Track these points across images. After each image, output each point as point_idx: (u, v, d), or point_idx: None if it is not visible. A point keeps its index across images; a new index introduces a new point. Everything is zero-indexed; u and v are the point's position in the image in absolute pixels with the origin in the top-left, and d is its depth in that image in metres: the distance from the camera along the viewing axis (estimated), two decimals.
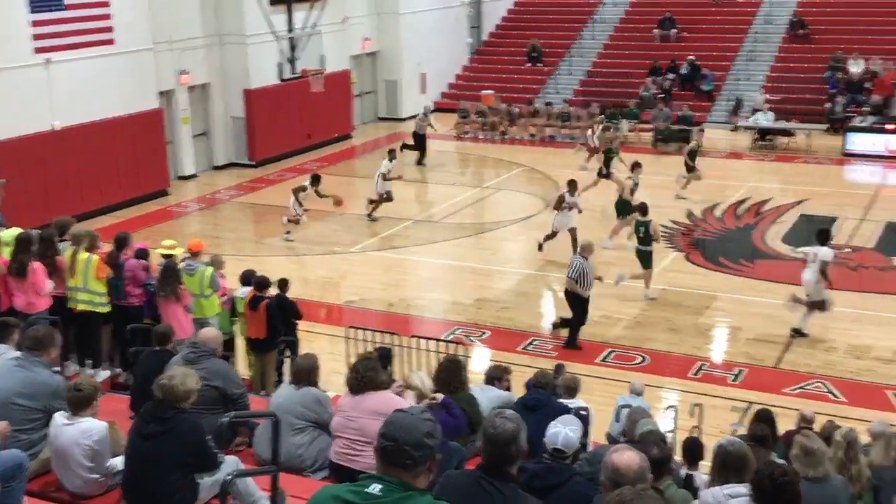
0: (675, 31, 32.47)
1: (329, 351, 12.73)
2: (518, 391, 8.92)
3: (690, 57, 30.60)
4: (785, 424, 8.97)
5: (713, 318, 15.06)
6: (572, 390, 9.02)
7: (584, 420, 8.25)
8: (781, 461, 6.47)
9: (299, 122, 26.72)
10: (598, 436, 9.23)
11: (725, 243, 18.67)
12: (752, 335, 14.17)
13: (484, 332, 14.55)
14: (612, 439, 9.01)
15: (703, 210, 20.68)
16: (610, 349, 13.77)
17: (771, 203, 21.04)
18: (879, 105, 27.18)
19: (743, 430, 9.16)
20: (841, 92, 28.02)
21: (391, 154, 21.13)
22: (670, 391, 12.41)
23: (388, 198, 20.55)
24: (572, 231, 17.39)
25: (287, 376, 10.76)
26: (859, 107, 27.33)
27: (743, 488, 5.07)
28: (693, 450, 7.89)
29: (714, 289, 16.15)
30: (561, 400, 8.54)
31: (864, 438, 7.98)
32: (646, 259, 15.69)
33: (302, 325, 12.34)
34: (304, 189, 19.35)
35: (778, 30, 31.53)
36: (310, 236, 19.80)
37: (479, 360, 13.11)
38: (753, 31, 31.81)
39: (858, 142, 25.34)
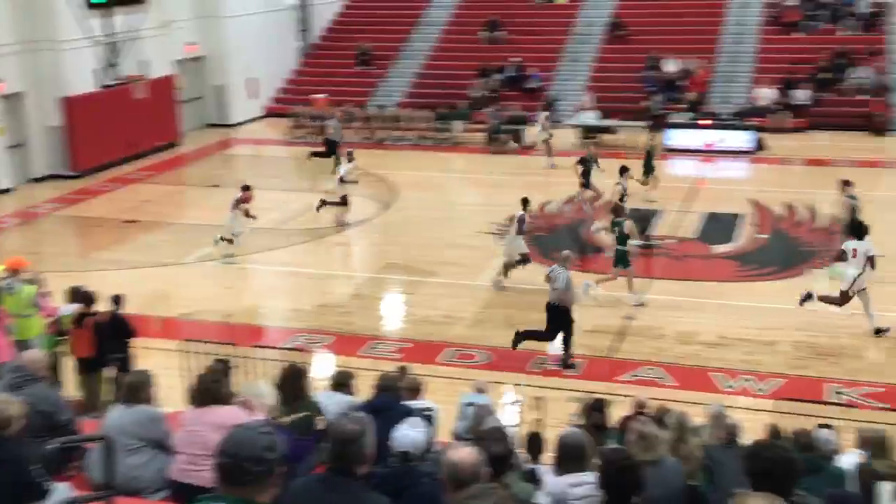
0: (501, 33, 33.18)
1: (165, 366, 12.20)
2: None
3: (517, 59, 31.37)
4: (621, 412, 9.28)
5: None
6: (416, 391, 9.03)
7: (430, 420, 8.27)
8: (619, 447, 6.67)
9: (122, 131, 25.68)
10: (444, 435, 9.27)
11: (559, 239, 19.16)
12: (588, 327, 14.60)
13: (326, 338, 14.40)
14: (457, 437, 9.06)
15: (537, 207, 21.19)
16: (452, 348, 13.88)
17: (599, 198, 21.76)
18: (694, 102, 28.64)
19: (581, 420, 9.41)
20: (658, 90, 29.35)
21: (350, 156, 20.81)
22: (513, 386, 12.63)
23: (343, 201, 20.05)
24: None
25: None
26: (676, 104, 28.71)
27: (585, 476, 5.18)
28: (534, 443, 8.03)
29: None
30: (405, 402, 8.51)
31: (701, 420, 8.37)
32: (623, 259, 15.52)
33: (134, 341, 11.83)
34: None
35: (598, 31, 32.74)
36: (140, 247, 19.07)
37: (323, 367, 12.94)
38: (575, 32, 32.90)
39: (677, 137, 26.59)
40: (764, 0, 32.06)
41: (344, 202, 20.13)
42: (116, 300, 11.39)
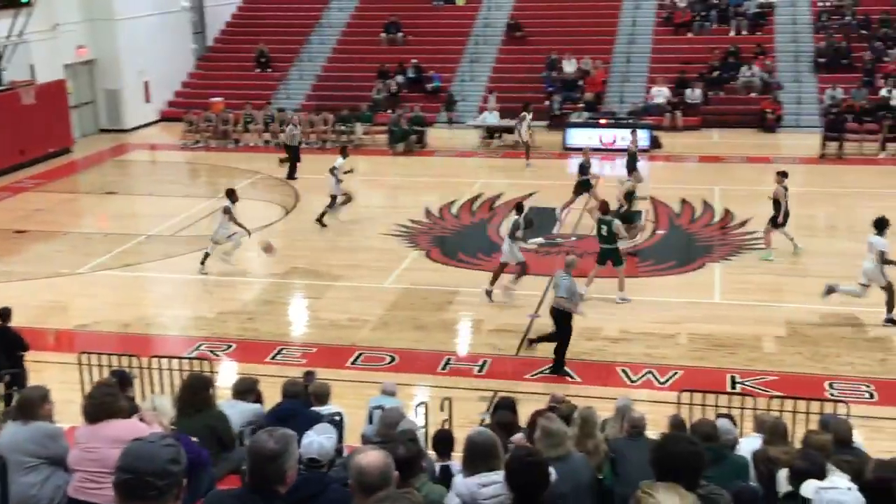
0: (400, 34, 33.18)
1: (61, 380, 11.81)
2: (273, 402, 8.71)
3: (414, 60, 31.43)
4: (529, 409, 9.36)
5: (457, 312, 15.49)
6: (323, 397, 8.94)
7: (339, 426, 8.20)
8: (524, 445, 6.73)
9: (11, 138, 24.75)
10: (353, 440, 9.20)
11: (464, 239, 19.28)
12: (494, 326, 14.71)
13: (230, 346, 14.14)
14: (367, 441, 9.00)
15: (441, 208, 21.26)
16: (358, 352, 13.80)
17: (503, 198, 21.96)
18: (592, 101, 29.16)
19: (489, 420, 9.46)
20: (557, 90, 29.78)
21: (343, 152, 20.83)
22: (421, 388, 12.63)
23: (348, 198, 20.33)
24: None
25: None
26: (574, 103, 29.17)
27: (495, 476, 5.20)
28: (443, 441, 8.02)
29: (456, 284, 16.61)
30: (313, 408, 8.43)
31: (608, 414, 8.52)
32: (614, 257, 15.54)
33: (29, 355, 11.42)
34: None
35: (497, 32, 33.03)
36: (32, 258, 18.41)
37: (227, 375, 12.70)
38: (475, 33, 33.12)
39: (576, 136, 27.00)
40: (656, 1, 32.86)
41: (348, 199, 20.39)
42: (3, 314, 10.96)
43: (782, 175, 17.52)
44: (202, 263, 17.25)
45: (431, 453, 7.92)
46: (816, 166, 23.83)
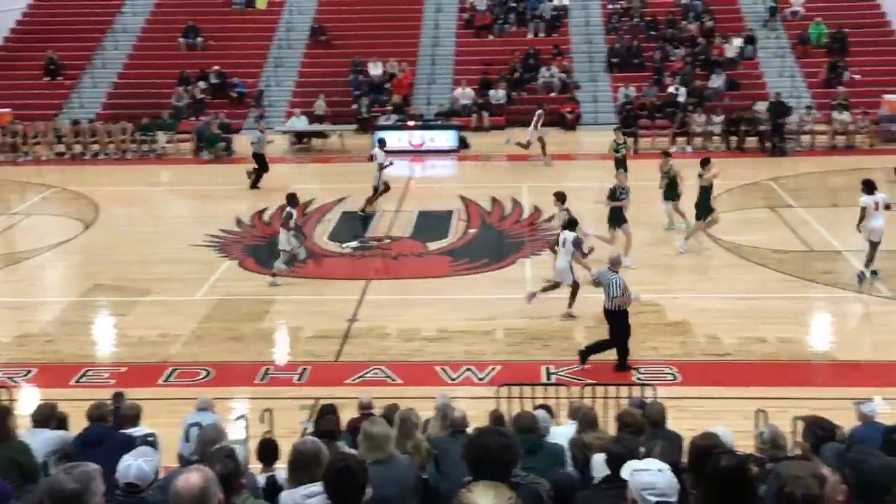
0: (200, 39, 32.28)
1: None
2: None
3: (216, 66, 30.68)
4: (351, 414, 9.30)
5: (273, 321, 15.21)
6: (133, 418, 8.55)
7: (153, 446, 7.85)
8: (352, 451, 6.67)
9: None
10: (170, 460, 8.83)
11: (277, 247, 18.92)
12: (312, 333, 14.53)
13: (29, 371, 13.29)
14: (184, 461, 8.67)
15: (252, 216, 20.82)
16: (172, 367, 13.29)
17: (314, 203, 21.76)
18: (400, 104, 29.38)
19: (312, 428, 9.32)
20: (365, 93, 29.83)
21: (381, 143, 21.20)
22: (239, 401, 12.30)
23: (386, 188, 20.84)
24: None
25: None
26: (382, 106, 29.31)
27: (318, 486, 5.11)
28: (267, 451, 7.85)
29: (271, 292, 16.29)
30: (123, 430, 8.03)
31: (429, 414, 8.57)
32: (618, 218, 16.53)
33: None
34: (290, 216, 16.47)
35: (301, 36, 32.72)
36: None
37: (28, 402, 11.91)
38: (278, 38, 32.68)
39: (386, 139, 27.07)
40: (457, 5, 33.49)
41: (383, 191, 20.74)
42: None
43: (706, 163, 17.83)
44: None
45: (257, 466, 7.73)
46: (609, 163, 24.90)
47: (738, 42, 30.19)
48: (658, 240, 18.33)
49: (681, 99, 28.02)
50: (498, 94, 29.58)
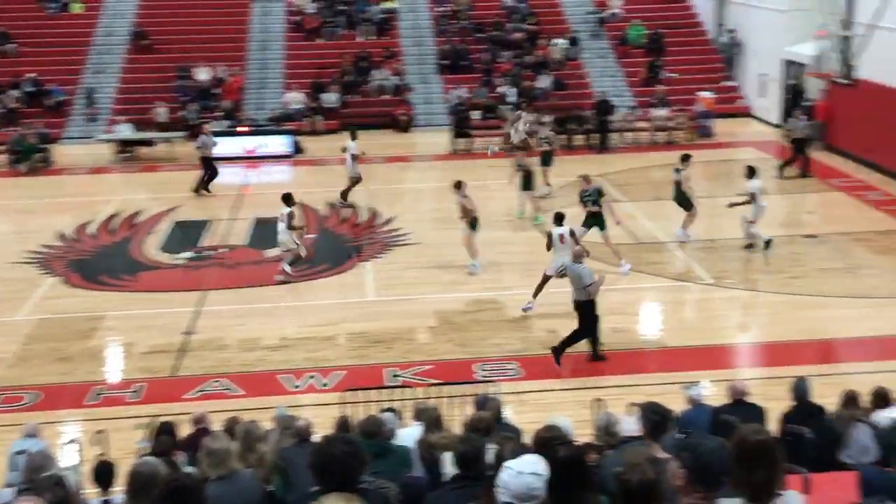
0: (11, 45, 30.54)
1: None
2: None
3: (30, 73, 29.13)
4: (188, 430, 8.99)
5: (104, 338, 14.54)
6: None
7: None
8: (191, 469, 6.45)
9: None
10: None
11: (105, 260, 18.15)
12: (146, 348, 13.99)
13: None
14: (13, 491, 8.15)
15: (76, 229, 19.86)
16: None
17: (143, 214, 20.98)
18: (230, 109, 28.73)
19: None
20: (192, 99, 29.00)
21: (353, 135, 21.45)
22: (70, 424, 11.69)
23: (359, 179, 21.05)
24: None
25: None
26: (212, 112, 28.57)
27: None
28: (102, 474, 7.49)
29: (100, 309, 15.58)
30: None
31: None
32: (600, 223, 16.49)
33: None
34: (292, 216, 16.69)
35: (121, 41, 31.47)
36: None
37: None
38: (96, 43, 31.34)
39: (217, 146, 26.43)
40: (285, 8, 33.06)
41: (356, 182, 21.00)
42: None
43: (684, 159, 18.38)
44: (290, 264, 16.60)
45: (93, 490, 7.37)
46: (449, 162, 25.20)
47: (562, 44, 31.13)
48: (494, 239, 18.64)
49: (510, 99, 28.64)
50: (331, 98, 29.38)
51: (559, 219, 14.98)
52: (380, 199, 21.83)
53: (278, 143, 26.82)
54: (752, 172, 17.54)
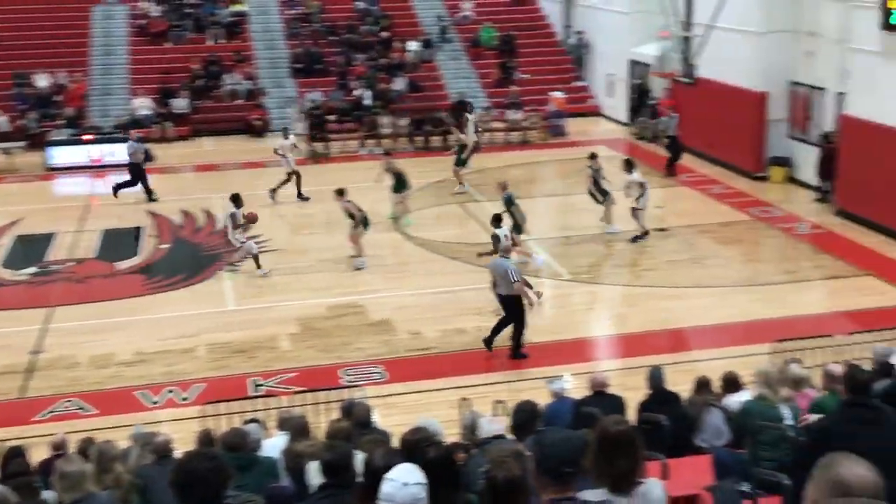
0: None
1: None
2: None
3: None
4: (40, 453, 8.57)
5: None
6: None
7: None
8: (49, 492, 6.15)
9: None
10: None
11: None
12: None
13: None
14: None
15: None
16: None
17: None
18: (74, 117, 27.54)
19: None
20: (32, 107, 27.67)
21: (285, 132, 22.10)
22: None
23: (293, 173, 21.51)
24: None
25: None
26: (53, 120, 27.34)
27: None
28: None
29: None
30: None
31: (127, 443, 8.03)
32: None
33: None
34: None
35: None
36: None
37: None
38: None
39: (60, 155, 25.35)
40: (129, 12, 31.95)
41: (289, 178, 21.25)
42: None
43: (592, 157, 18.89)
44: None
45: None
46: (307, 167, 24.88)
47: (415, 46, 31.29)
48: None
49: (366, 102, 28.57)
50: (180, 104, 28.56)
51: (497, 220, 15.45)
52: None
53: (126, 152, 25.82)
54: (630, 165, 18.25)
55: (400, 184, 19.72)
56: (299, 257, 17.74)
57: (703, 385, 8.97)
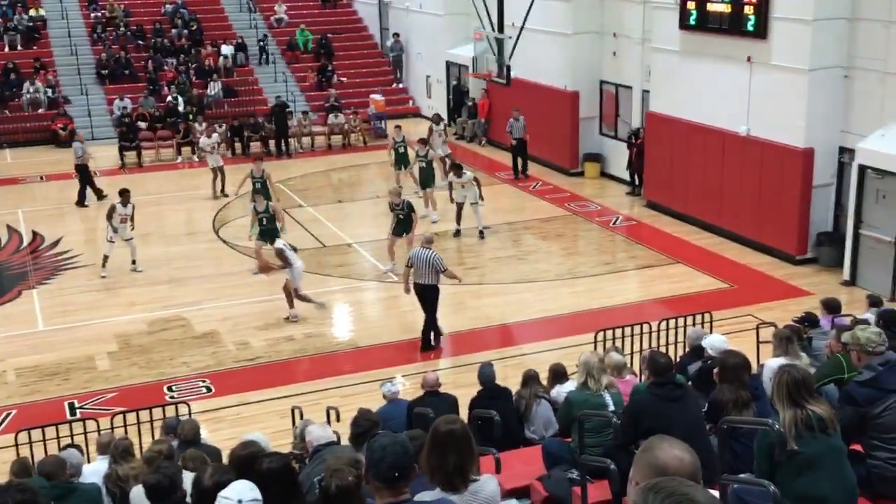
0: None
1: None
2: None
3: None
4: None
5: None
6: None
7: None
8: None
9: None
10: None
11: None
12: None
13: None
14: None
15: None
16: None
17: None
18: None
19: None
20: None
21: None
22: None
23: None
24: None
25: None
26: None
27: None
28: None
29: None
30: None
31: None
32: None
33: None
34: None
35: None
36: None
37: None
38: None
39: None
40: None
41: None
42: None
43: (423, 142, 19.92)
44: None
45: None
46: (119, 177, 23.84)
47: (228, 50, 30.56)
48: (176, 254, 17.93)
49: (180, 108, 27.67)
50: None
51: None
52: (43, 220, 20.23)
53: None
54: (459, 168, 18.69)
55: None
56: (112, 272, 16.93)
57: (531, 378, 9.18)
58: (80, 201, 21.34)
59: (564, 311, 14.96)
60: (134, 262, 17.03)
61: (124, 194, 17.15)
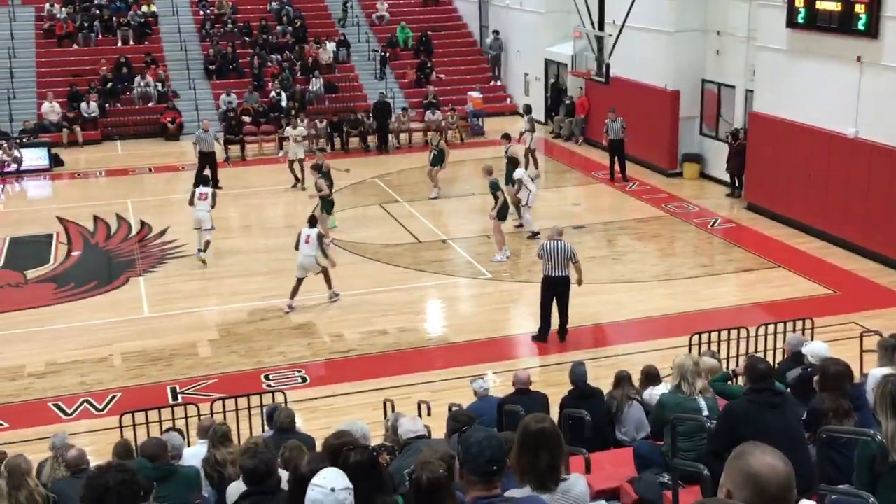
0: None
1: None
2: None
3: None
4: None
5: None
6: None
7: None
8: None
9: None
10: None
11: None
12: None
13: None
14: None
15: None
16: None
17: None
18: None
19: None
20: None
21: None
22: None
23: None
24: None
25: None
26: None
27: None
28: None
29: None
30: None
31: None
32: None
33: None
34: None
35: None
36: None
37: None
38: None
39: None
40: (34, 13, 31.03)
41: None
42: None
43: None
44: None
45: None
46: (222, 169, 24.49)
47: (331, 46, 31.07)
48: (275, 245, 18.32)
49: (283, 103, 28.26)
50: (90, 107, 27.83)
51: (312, 221, 15.39)
52: (150, 211, 20.94)
53: (34, 157, 25.10)
54: (514, 163, 19.09)
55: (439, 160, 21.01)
56: (217, 262, 17.44)
57: (623, 379, 9.11)
58: (214, 184, 21.08)
59: (659, 313, 14.76)
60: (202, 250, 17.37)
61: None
